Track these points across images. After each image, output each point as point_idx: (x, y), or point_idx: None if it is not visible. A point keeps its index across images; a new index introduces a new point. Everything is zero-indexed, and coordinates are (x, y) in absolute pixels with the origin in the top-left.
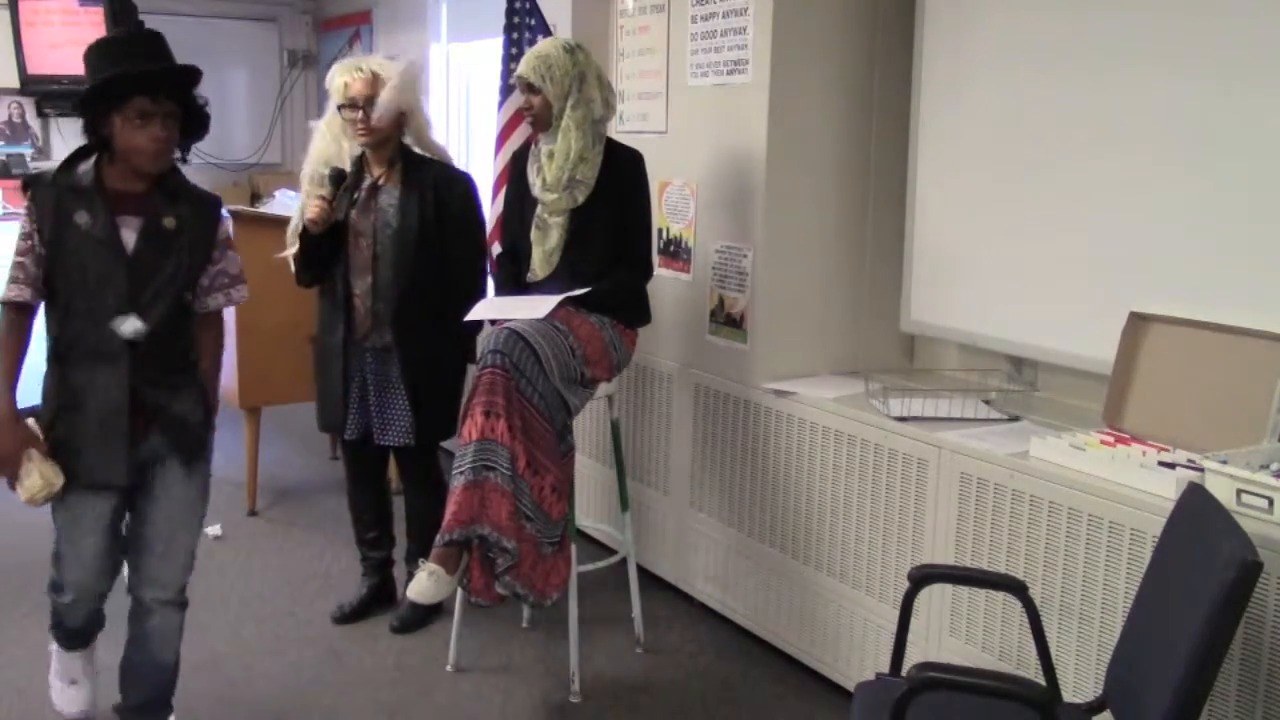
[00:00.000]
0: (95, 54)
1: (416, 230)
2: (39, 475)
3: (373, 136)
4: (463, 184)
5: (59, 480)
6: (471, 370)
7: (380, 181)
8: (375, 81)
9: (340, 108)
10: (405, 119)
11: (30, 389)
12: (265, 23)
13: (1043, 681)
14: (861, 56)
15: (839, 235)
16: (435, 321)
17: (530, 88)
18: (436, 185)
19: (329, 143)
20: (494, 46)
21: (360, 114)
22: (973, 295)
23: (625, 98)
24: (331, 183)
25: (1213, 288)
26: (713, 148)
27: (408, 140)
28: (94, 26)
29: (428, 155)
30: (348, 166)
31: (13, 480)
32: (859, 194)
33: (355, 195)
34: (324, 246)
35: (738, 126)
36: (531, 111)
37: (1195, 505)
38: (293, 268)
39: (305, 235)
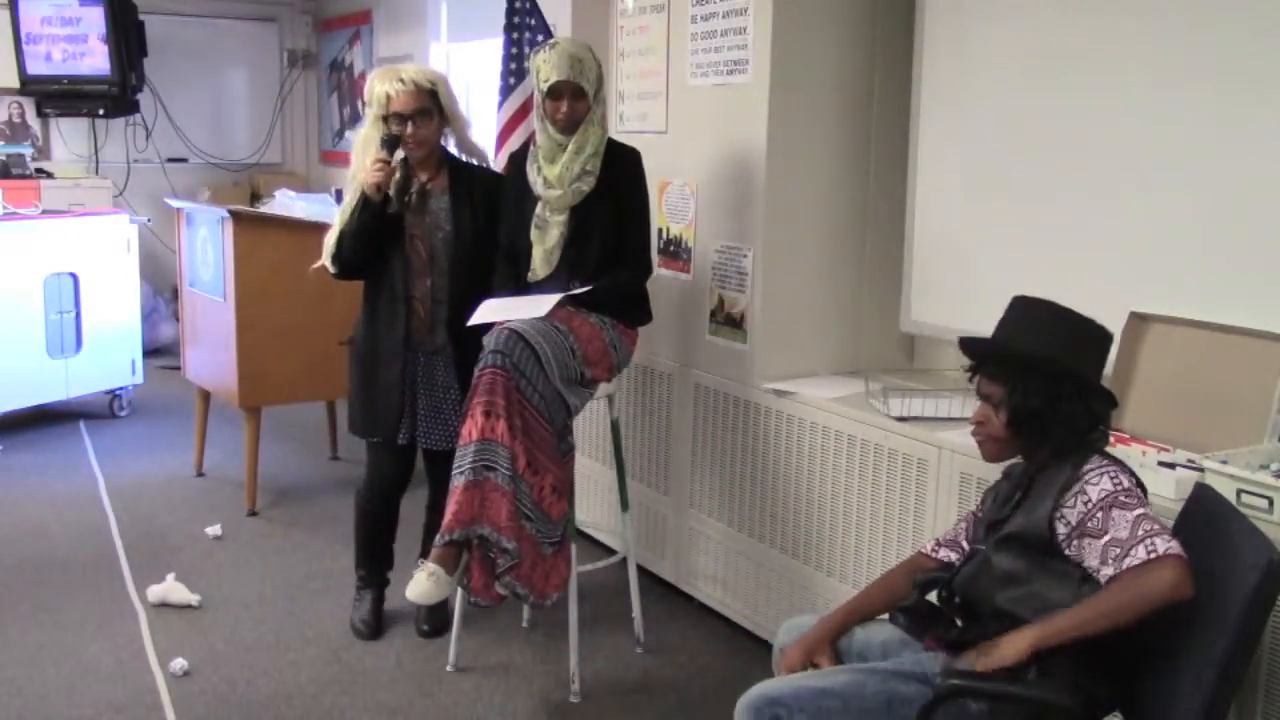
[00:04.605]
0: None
1: (470, 235)
2: None
3: (422, 150)
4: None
5: None
6: None
7: (428, 185)
8: (419, 94)
9: (385, 119)
10: (448, 125)
11: None
12: (265, 23)
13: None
14: (861, 56)
15: (839, 235)
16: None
17: (577, 93)
18: (486, 189)
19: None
20: (494, 46)
21: (410, 128)
22: (973, 295)
23: (625, 98)
24: (386, 148)
25: (1213, 288)
26: (713, 148)
27: (448, 144)
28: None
29: (467, 158)
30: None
31: None
32: (859, 194)
33: (407, 198)
34: (378, 232)
35: (738, 126)
36: (574, 116)
37: (1205, 505)
38: (331, 269)
39: (364, 208)
